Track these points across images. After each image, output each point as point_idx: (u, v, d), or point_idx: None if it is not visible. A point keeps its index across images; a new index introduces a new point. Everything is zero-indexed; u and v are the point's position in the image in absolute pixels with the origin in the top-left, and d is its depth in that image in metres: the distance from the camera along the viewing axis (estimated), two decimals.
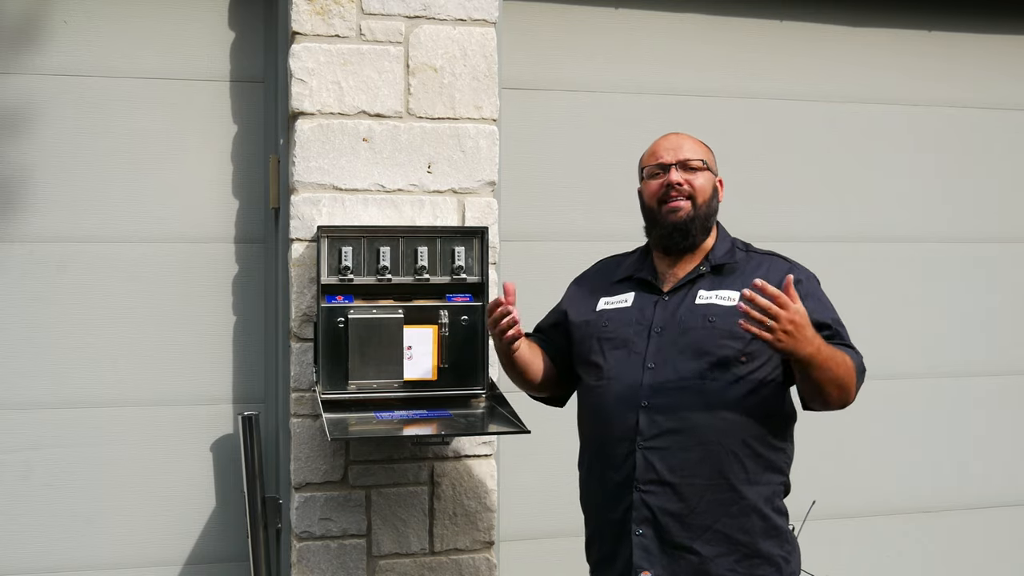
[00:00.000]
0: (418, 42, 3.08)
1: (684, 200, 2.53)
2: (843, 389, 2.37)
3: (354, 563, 3.02)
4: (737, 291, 2.42)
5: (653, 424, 2.42)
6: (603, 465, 2.53)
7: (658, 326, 2.49)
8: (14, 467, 3.07)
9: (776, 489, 2.48)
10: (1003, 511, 3.90)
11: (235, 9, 3.20)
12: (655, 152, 2.59)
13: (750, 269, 2.52)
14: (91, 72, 3.11)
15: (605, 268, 2.74)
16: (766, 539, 2.43)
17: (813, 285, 2.52)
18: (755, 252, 2.60)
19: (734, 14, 3.61)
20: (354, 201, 3.02)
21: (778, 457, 2.48)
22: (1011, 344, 3.91)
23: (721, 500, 2.41)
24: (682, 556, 2.41)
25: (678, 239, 2.53)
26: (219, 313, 3.19)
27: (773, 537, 2.44)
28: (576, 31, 3.47)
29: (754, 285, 2.25)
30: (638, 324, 2.52)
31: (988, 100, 3.87)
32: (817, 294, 2.50)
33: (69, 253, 3.10)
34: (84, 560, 3.10)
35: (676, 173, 2.53)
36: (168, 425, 3.16)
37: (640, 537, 2.43)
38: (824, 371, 2.32)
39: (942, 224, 3.84)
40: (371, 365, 2.89)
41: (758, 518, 2.42)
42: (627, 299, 2.58)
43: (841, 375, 2.35)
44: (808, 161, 3.70)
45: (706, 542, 2.40)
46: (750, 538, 2.42)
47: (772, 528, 2.44)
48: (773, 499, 2.46)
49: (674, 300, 2.52)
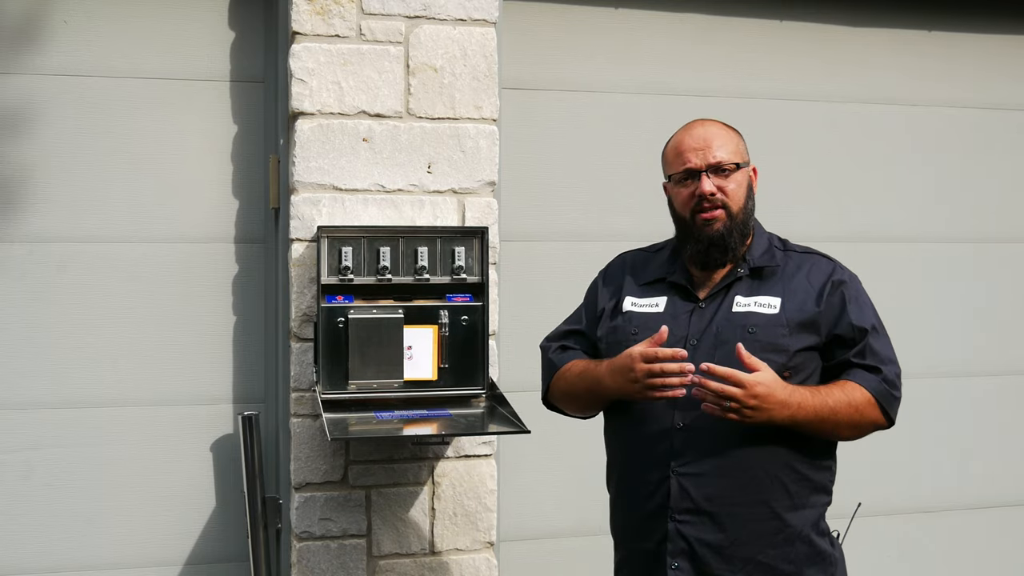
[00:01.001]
0: (418, 42, 3.08)
1: (718, 209, 2.31)
2: (854, 427, 2.25)
3: (354, 563, 3.02)
4: (778, 297, 2.29)
5: (689, 448, 2.24)
6: (634, 491, 2.34)
7: (694, 338, 2.29)
8: (14, 467, 3.07)
9: (822, 511, 2.31)
10: (1003, 511, 3.90)
11: (235, 9, 3.20)
12: (681, 152, 2.35)
13: (790, 271, 2.35)
14: (91, 72, 3.12)
15: (631, 265, 2.50)
16: (811, 566, 2.27)
17: (855, 287, 2.34)
18: (793, 250, 2.41)
19: (734, 14, 3.61)
20: (354, 201, 3.02)
21: (823, 476, 2.32)
22: (1011, 344, 3.91)
23: (765, 530, 2.23)
24: None
25: (716, 255, 2.33)
26: (219, 313, 3.19)
27: (818, 564, 2.28)
28: (576, 31, 3.47)
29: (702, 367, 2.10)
30: (672, 335, 2.26)
31: (988, 100, 3.87)
32: (859, 297, 2.32)
33: (69, 253, 3.10)
34: (84, 560, 3.10)
35: (707, 182, 2.30)
36: (168, 425, 3.16)
37: (676, 571, 2.25)
38: (815, 425, 2.20)
39: (941, 224, 3.84)
40: (371, 365, 2.89)
41: (803, 545, 2.26)
42: (658, 303, 2.38)
43: (840, 420, 2.21)
44: (808, 161, 3.70)
45: (747, 574, 2.23)
46: (795, 568, 2.25)
47: (817, 554, 2.28)
48: (819, 522, 2.30)
49: (710, 308, 2.32)
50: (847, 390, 2.23)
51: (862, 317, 2.29)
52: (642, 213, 3.39)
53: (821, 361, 2.31)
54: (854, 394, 2.23)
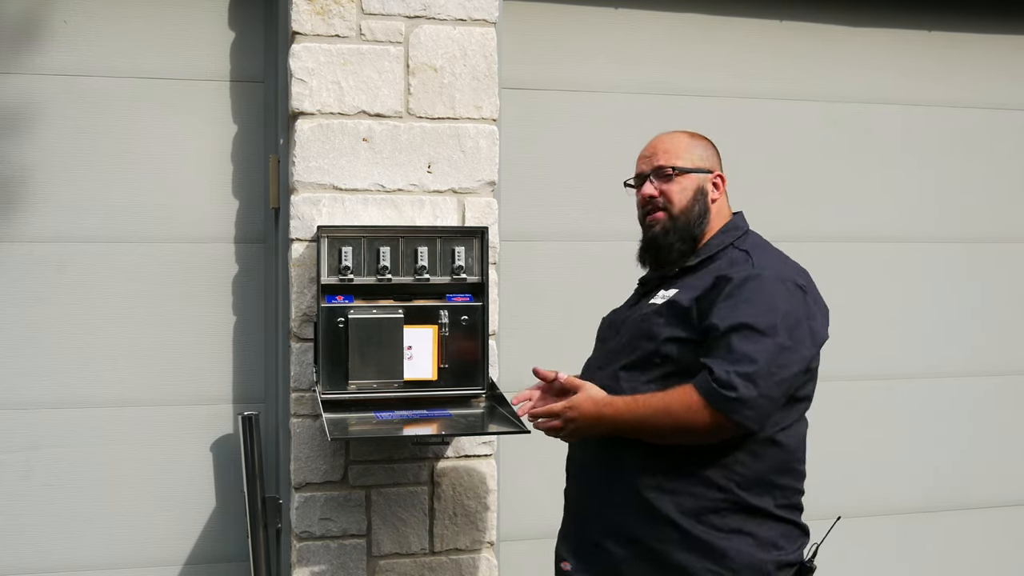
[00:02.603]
0: (418, 42, 3.08)
1: (659, 212, 2.45)
2: (680, 432, 2.23)
3: (354, 563, 3.02)
4: (677, 290, 2.38)
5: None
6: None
7: (618, 327, 2.50)
8: (14, 467, 3.07)
9: (709, 505, 2.28)
10: (1002, 511, 3.90)
11: (235, 9, 3.20)
12: (638, 159, 2.54)
13: (711, 268, 2.38)
14: (91, 72, 3.11)
15: None
16: (687, 552, 2.27)
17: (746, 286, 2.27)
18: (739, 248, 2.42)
19: (734, 14, 3.61)
20: (354, 201, 3.02)
21: (713, 472, 2.28)
22: (1010, 344, 3.91)
23: (627, 502, 2.33)
24: (592, 551, 2.39)
25: (652, 254, 2.48)
26: (219, 313, 3.19)
27: (696, 552, 2.27)
28: (576, 31, 3.47)
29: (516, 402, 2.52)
30: (610, 328, 2.55)
31: (988, 100, 3.87)
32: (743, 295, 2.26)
33: (69, 253, 3.10)
34: (84, 560, 3.10)
35: (649, 185, 2.47)
36: (168, 425, 3.16)
37: (564, 526, 2.51)
38: (638, 432, 2.29)
39: (941, 224, 3.84)
40: (371, 365, 2.89)
41: (671, 529, 2.28)
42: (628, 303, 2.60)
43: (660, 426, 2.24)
44: (807, 161, 3.70)
45: (616, 543, 2.35)
46: (663, 546, 2.29)
47: (697, 541, 2.27)
48: (701, 513, 2.28)
49: (644, 301, 2.48)
50: (672, 394, 2.25)
51: (730, 315, 2.24)
52: None
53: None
54: (674, 397, 2.24)
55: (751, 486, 2.30)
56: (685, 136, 2.52)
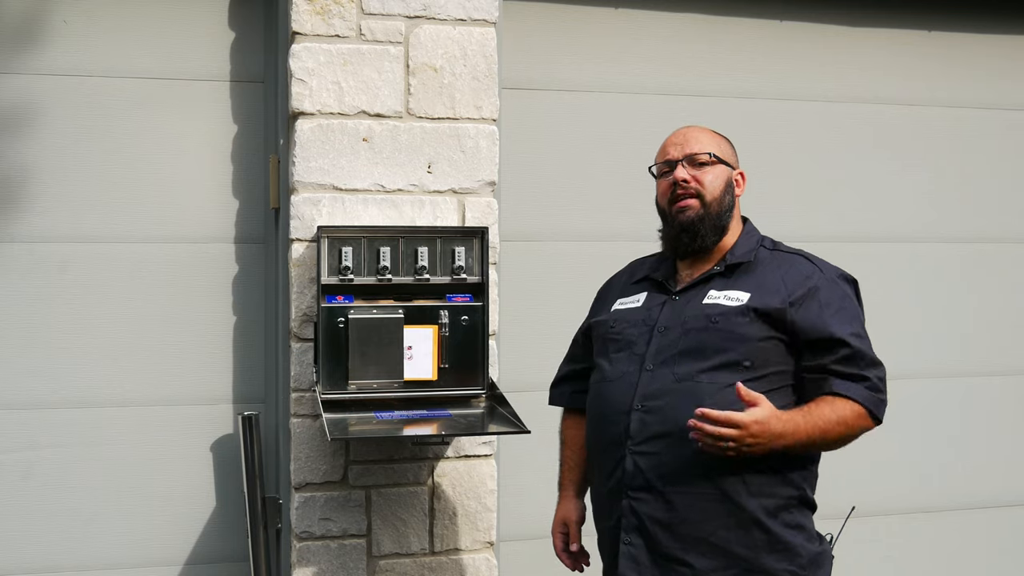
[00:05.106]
0: (418, 42, 3.08)
1: (692, 198, 2.42)
2: (845, 440, 2.31)
3: (354, 563, 3.02)
4: (748, 292, 2.34)
5: (644, 427, 2.31)
6: (599, 472, 2.44)
7: (662, 326, 2.38)
8: (14, 467, 3.07)
9: (785, 503, 2.31)
10: (1003, 511, 3.90)
11: (235, 9, 3.20)
12: (663, 148, 2.50)
13: (770, 269, 2.40)
14: (91, 72, 3.12)
15: (631, 268, 2.65)
16: (770, 554, 2.28)
17: (833, 291, 2.36)
18: (781, 250, 2.47)
19: (734, 14, 3.61)
20: (354, 201, 3.02)
21: (791, 470, 2.31)
22: (1011, 344, 3.91)
23: (715, 511, 2.27)
24: (673, 568, 2.29)
25: (686, 241, 2.43)
26: (219, 313, 3.19)
27: (779, 553, 2.28)
28: (576, 31, 3.47)
29: (697, 413, 2.15)
30: (643, 325, 2.42)
31: (988, 100, 3.87)
32: (838, 302, 2.35)
33: (69, 253, 3.10)
34: (84, 560, 3.10)
35: (682, 170, 2.42)
36: (168, 425, 3.16)
37: (628, 546, 2.32)
38: (807, 447, 2.28)
39: (941, 224, 3.84)
40: (371, 365, 2.89)
41: (760, 532, 2.27)
42: (639, 299, 2.49)
43: (830, 439, 2.28)
44: (808, 161, 3.70)
45: (700, 554, 2.27)
46: (751, 553, 2.27)
47: (779, 543, 2.28)
48: (780, 512, 2.30)
49: (682, 300, 2.41)
50: (836, 407, 2.28)
51: (841, 324, 2.31)
52: (642, 213, 3.37)
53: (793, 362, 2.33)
54: (843, 410, 2.28)
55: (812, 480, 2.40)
56: (714, 133, 2.53)
